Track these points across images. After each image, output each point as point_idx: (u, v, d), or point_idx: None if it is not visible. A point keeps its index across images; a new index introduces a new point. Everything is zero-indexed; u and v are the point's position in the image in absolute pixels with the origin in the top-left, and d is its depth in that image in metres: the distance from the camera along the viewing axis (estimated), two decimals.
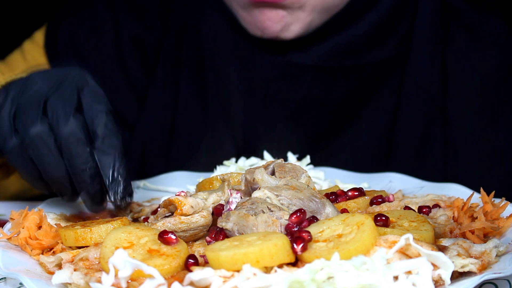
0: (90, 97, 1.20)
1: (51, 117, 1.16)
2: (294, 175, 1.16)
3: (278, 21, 1.53)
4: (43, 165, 1.17)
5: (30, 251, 1.12)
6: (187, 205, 1.10)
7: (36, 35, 1.79)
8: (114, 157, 1.17)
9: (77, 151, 1.15)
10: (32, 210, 1.17)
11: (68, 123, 1.15)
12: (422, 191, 1.37)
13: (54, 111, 1.16)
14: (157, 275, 0.93)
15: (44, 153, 1.15)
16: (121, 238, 1.03)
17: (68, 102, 1.17)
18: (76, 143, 1.15)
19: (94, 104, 1.19)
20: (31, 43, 1.78)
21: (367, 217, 0.99)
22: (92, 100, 1.19)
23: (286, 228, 1.02)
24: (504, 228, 1.11)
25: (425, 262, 0.92)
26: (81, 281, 0.98)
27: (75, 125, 1.15)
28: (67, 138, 1.15)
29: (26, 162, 1.18)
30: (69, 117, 1.15)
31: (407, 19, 1.65)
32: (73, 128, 1.15)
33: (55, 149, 1.16)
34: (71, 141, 1.15)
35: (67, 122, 1.15)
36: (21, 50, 1.78)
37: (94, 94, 1.20)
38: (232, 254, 0.93)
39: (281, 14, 1.52)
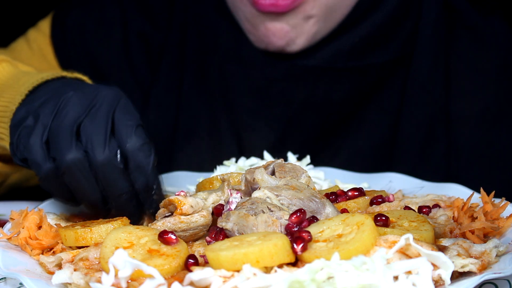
0: (121, 114, 1.18)
1: (85, 143, 1.15)
2: (294, 175, 1.16)
3: (282, 37, 1.54)
4: (78, 190, 1.17)
5: (30, 251, 1.12)
6: (187, 205, 1.10)
7: (41, 24, 1.78)
8: (147, 172, 1.17)
9: (113, 178, 1.15)
10: (32, 210, 1.17)
11: (103, 151, 1.14)
12: (422, 191, 1.37)
13: (88, 138, 1.15)
14: (157, 275, 0.93)
15: (80, 180, 1.15)
16: (121, 238, 1.03)
17: (101, 127, 1.16)
18: (111, 171, 1.15)
19: (124, 121, 1.18)
20: (36, 32, 1.77)
21: (367, 217, 0.99)
22: (122, 117, 1.18)
23: (286, 228, 1.02)
24: (504, 228, 1.11)
25: (425, 262, 0.92)
26: (81, 281, 0.98)
27: (109, 152, 1.14)
28: (102, 166, 1.14)
29: (61, 187, 1.18)
30: (103, 144, 1.14)
31: (411, 21, 1.65)
32: (108, 156, 1.14)
33: (91, 176, 1.15)
34: (107, 169, 1.15)
35: (102, 150, 1.14)
36: (26, 38, 1.77)
37: (125, 111, 1.19)
38: (232, 254, 0.93)
39: (286, 29, 1.53)
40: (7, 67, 1.41)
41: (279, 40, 1.55)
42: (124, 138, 1.17)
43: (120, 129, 1.17)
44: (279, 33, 1.54)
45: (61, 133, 1.16)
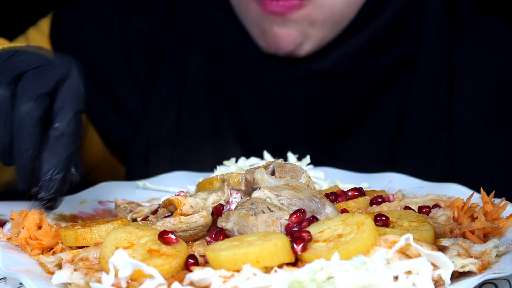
0: (66, 90, 1.14)
1: (19, 88, 1.11)
2: (294, 175, 1.16)
3: (291, 42, 1.55)
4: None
5: (30, 251, 1.12)
6: (187, 205, 1.10)
7: (41, 23, 1.78)
8: (60, 160, 1.11)
9: (27, 130, 1.10)
10: (32, 210, 1.17)
11: (29, 102, 1.09)
12: (422, 191, 1.37)
13: (23, 84, 1.11)
14: (157, 275, 0.93)
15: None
16: (121, 238, 1.03)
17: (41, 84, 1.12)
18: (29, 123, 1.10)
19: (66, 100, 1.13)
20: (36, 31, 1.77)
21: (367, 217, 0.99)
22: (66, 95, 1.14)
23: (286, 228, 1.02)
24: (504, 228, 1.11)
25: (425, 262, 0.92)
26: (81, 281, 0.98)
27: (37, 107, 1.10)
28: (22, 115, 1.09)
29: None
30: (33, 96, 1.10)
31: (415, 24, 1.65)
32: (32, 108, 1.09)
33: (8, 120, 1.10)
34: (25, 119, 1.10)
35: (29, 100, 1.10)
36: (26, 37, 1.77)
37: (71, 90, 1.14)
38: (232, 254, 0.93)
39: (294, 35, 1.54)
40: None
41: (288, 45, 1.56)
42: (59, 113, 1.12)
43: (60, 103, 1.13)
44: (288, 39, 1.55)
45: (2, 72, 1.12)
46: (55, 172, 1.11)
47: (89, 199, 1.38)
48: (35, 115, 1.10)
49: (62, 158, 1.11)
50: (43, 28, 1.77)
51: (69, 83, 1.15)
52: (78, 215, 1.32)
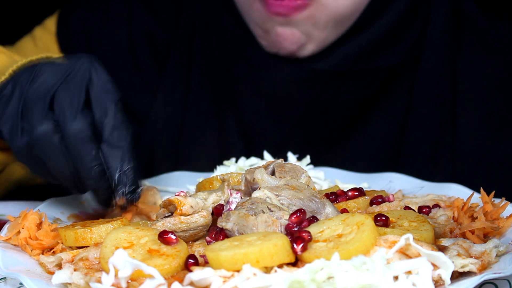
0: (98, 87, 1.15)
1: (58, 113, 1.12)
2: (294, 175, 1.16)
3: (294, 42, 1.55)
4: (50, 164, 1.14)
5: (30, 251, 1.12)
6: (187, 205, 1.10)
7: (47, 22, 1.78)
8: (123, 150, 1.14)
9: (84, 149, 1.12)
10: (31, 210, 1.17)
11: (75, 121, 1.11)
12: (422, 191, 1.37)
13: (61, 107, 1.12)
14: (157, 275, 0.93)
15: (50, 153, 1.12)
16: (121, 238, 1.03)
17: (75, 96, 1.13)
18: (82, 142, 1.12)
19: (102, 95, 1.15)
20: (43, 30, 1.77)
21: (367, 217, 0.99)
22: (100, 91, 1.15)
23: (286, 228, 1.02)
24: (504, 228, 1.11)
25: (425, 262, 0.92)
26: (81, 281, 0.98)
27: (82, 122, 1.11)
28: (73, 136, 1.11)
29: (35, 161, 1.15)
30: (76, 114, 1.11)
31: (419, 25, 1.65)
32: (80, 126, 1.11)
33: (61, 148, 1.12)
34: (78, 140, 1.11)
35: (74, 119, 1.11)
36: (32, 36, 1.77)
37: (102, 84, 1.16)
38: (232, 254, 0.93)
39: (297, 35, 1.54)
40: (2, 58, 1.40)
41: (290, 45, 1.56)
42: (102, 111, 1.14)
43: (97, 102, 1.14)
44: (291, 38, 1.55)
45: (35, 103, 1.13)
46: (125, 164, 1.13)
47: (89, 199, 1.38)
48: (86, 130, 1.12)
49: (125, 149, 1.13)
50: (49, 27, 1.77)
51: (96, 80, 1.16)
52: (78, 215, 1.32)
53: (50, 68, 1.17)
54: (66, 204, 1.33)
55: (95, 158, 1.13)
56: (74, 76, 1.15)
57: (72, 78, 1.15)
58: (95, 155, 1.13)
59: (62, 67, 1.17)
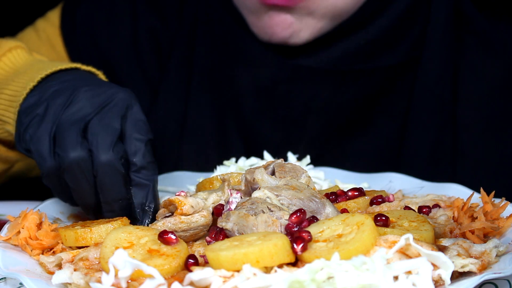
0: (132, 124, 1.19)
1: (91, 142, 1.14)
2: (294, 175, 1.16)
3: (286, 28, 1.53)
4: (76, 190, 1.16)
5: (30, 251, 1.12)
6: (187, 205, 1.10)
7: (50, 14, 1.78)
8: (148, 190, 1.18)
9: (112, 182, 1.15)
10: (31, 210, 1.17)
11: (108, 153, 1.14)
12: (422, 191, 1.37)
13: (94, 137, 1.14)
14: (157, 275, 0.93)
15: (80, 180, 1.15)
16: (121, 238, 1.03)
17: (109, 129, 1.16)
18: (112, 174, 1.14)
19: (135, 133, 1.18)
20: (45, 22, 1.77)
21: (367, 217, 0.99)
22: (133, 129, 1.18)
23: (286, 228, 1.02)
24: (504, 228, 1.11)
25: (425, 262, 0.92)
26: (81, 281, 0.98)
27: (113, 155, 1.14)
28: (104, 167, 1.14)
29: (61, 185, 1.17)
30: (110, 144, 1.14)
31: (419, 25, 1.65)
32: (112, 159, 1.14)
33: (90, 177, 1.15)
34: (108, 171, 1.14)
35: (106, 151, 1.14)
36: (34, 27, 1.77)
37: (136, 122, 1.19)
38: (232, 254, 0.93)
39: (290, 20, 1.52)
40: (22, 53, 1.42)
41: (282, 31, 1.53)
42: (132, 149, 1.17)
43: (129, 139, 1.18)
44: (283, 24, 1.53)
45: (68, 129, 1.15)
46: (147, 202, 1.18)
47: None
48: (117, 164, 1.14)
49: (150, 188, 1.18)
50: (52, 20, 1.76)
51: (131, 116, 1.19)
52: (78, 215, 1.32)
53: (87, 96, 1.19)
54: (66, 204, 1.32)
55: (121, 191, 1.16)
56: (110, 109, 1.18)
57: (108, 110, 1.18)
58: (121, 189, 1.16)
59: (99, 97, 1.19)
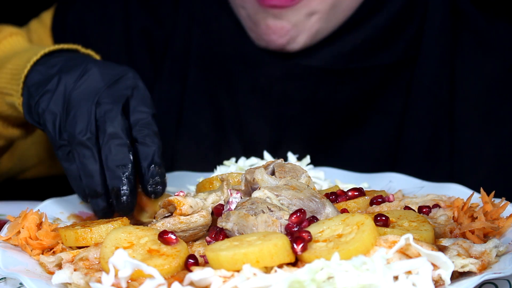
0: (138, 99, 1.26)
1: (99, 114, 1.21)
2: (294, 175, 1.16)
3: (283, 35, 1.54)
4: (83, 169, 1.21)
5: (30, 251, 1.12)
6: (186, 205, 1.10)
7: (43, 15, 1.78)
8: (154, 149, 1.23)
9: (116, 149, 1.20)
10: (31, 210, 1.17)
11: (114, 124, 1.20)
12: (422, 191, 1.37)
13: (104, 109, 1.21)
14: (157, 275, 0.93)
15: (87, 159, 1.21)
16: (121, 238, 1.03)
17: (118, 102, 1.23)
18: (117, 143, 1.20)
19: (140, 107, 1.25)
20: (38, 23, 1.77)
21: (367, 217, 0.99)
22: (139, 103, 1.25)
23: (286, 228, 1.02)
24: (504, 228, 1.11)
25: (425, 262, 0.92)
26: (81, 281, 0.98)
27: (120, 126, 1.21)
28: (110, 137, 1.20)
29: (70, 161, 1.23)
30: (115, 117, 1.21)
31: (415, 23, 1.65)
32: (118, 129, 1.20)
33: (97, 157, 1.21)
34: (114, 141, 1.20)
35: (113, 122, 1.20)
36: (28, 28, 1.77)
37: (142, 97, 1.26)
38: (232, 254, 0.93)
39: (286, 28, 1.53)
40: (21, 40, 1.48)
41: (279, 38, 1.54)
42: (139, 120, 1.24)
43: (137, 111, 1.25)
44: (280, 31, 1.53)
45: (79, 106, 1.22)
46: (155, 159, 1.23)
47: None
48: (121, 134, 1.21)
49: (156, 148, 1.23)
50: (45, 21, 1.77)
51: (139, 91, 1.27)
52: (78, 215, 1.32)
53: (100, 70, 1.26)
54: (66, 204, 1.33)
55: (125, 158, 1.20)
56: (121, 83, 1.26)
57: (119, 84, 1.25)
58: (126, 156, 1.20)
59: (111, 72, 1.27)
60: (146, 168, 1.22)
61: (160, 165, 1.23)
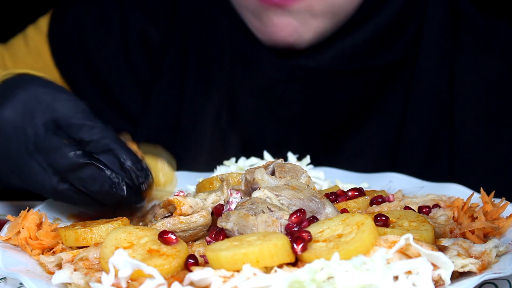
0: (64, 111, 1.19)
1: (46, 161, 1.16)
2: (294, 175, 1.16)
3: (291, 32, 1.53)
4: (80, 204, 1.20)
5: (30, 251, 1.12)
6: (186, 205, 1.10)
7: (40, 21, 1.77)
8: (115, 153, 1.16)
9: (87, 174, 1.14)
10: (31, 210, 1.17)
11: (65, 158, 1.14)
12: (422, 191, 1.37)
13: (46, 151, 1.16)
14: (157, 275, 0.93)
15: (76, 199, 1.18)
16: (121, 238, 1.03)
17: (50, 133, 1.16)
18: (83, 169, 1.14)
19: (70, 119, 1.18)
20: (35, 29, 1.77)
21: (367, 217, 0.99)
22: (59, 111, 1.18)
23: (286, 228, 1.02)
24: (504, 228, 1.11)
25: (425, 262, 0.92)
26: (81, 281, 0.98)
27: (71, 158, 1.14)
28: (72, 171, 1.15)
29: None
30: (61, 149, 1.15)
31: (415, 23, 1.65)
32: (71, 161, 1.14)
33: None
34: (79, 170, 1.15)
35: (63, 157, 1.14)
36: (24, 35, 1.77)
37: (51, 106, 1.19)
38: (232, 254, 0.93)
39: (293, 23, 1.52)
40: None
41: (288, 36, 1.54)
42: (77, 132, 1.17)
43: (69, 126, 1.17)
44: (287, 28, 1.53)
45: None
46: (123, 159, 1.16)
47: None
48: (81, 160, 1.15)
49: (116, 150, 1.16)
50: (41, 27, 1.76)
51: (61, 104, 1.20)
52: (78, 215, 1.32)
53: (12, 110, 1.19)
54: (66, 204, 1.32)
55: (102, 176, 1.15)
56: (37, 113, 1.18)
57: (36, 116, 1.18)
58: (101, 174, 1.15)
59: (20, 106, 1.19)
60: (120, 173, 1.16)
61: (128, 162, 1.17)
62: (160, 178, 1.27)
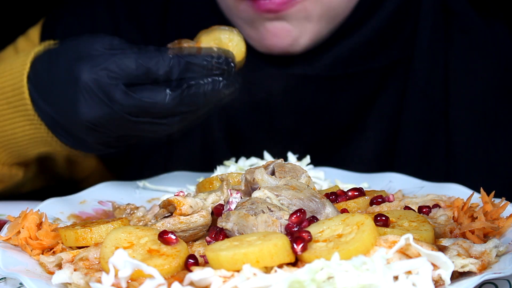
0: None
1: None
2: (294, 175, 1.16)
3: (285, 37, 1.51)
4: None
5: (30, 251, 1.12)
6: (186, 205, 1.10)
7: (30, 32, 1.75)
8: (193, 64, 1.25)
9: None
10: (31, 210, 1.17)
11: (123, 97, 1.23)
12: (422, 191, 1.37)
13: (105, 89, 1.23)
14: (157, 275, 0.93)
15: None
16: (121, 238, 1.03)
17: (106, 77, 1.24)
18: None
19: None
20: (26, 40, 1.75)
21: (367, 217, 0.99)
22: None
23: (286, 228, 1.02)
24: (504, 228, 1.11)
25: (425, 262, 0.92)
26: (81, 281, 0.98)
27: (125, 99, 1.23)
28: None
29: None
30: (121, 91, 1.23)
31: (409, 25, 1.64)
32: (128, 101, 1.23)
33: None
34: None
35: (122, 96, 1.23)
36: (15, 46, 1.75)
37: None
38: (232, 254, 0.93)
39: (287, 28, 1.50)
40: None
41: (282, 41, 1.51)
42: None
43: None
44: (281, 33, 1.51)
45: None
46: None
47: (89, 199, 1.38)
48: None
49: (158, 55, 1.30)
50: (32, 38, 1.74)
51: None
52: (78, 215, 1.32)
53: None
54: (66, 204, 1.33)
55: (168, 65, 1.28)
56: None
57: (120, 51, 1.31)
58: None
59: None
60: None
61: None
62: (239, 51, 1.34)
